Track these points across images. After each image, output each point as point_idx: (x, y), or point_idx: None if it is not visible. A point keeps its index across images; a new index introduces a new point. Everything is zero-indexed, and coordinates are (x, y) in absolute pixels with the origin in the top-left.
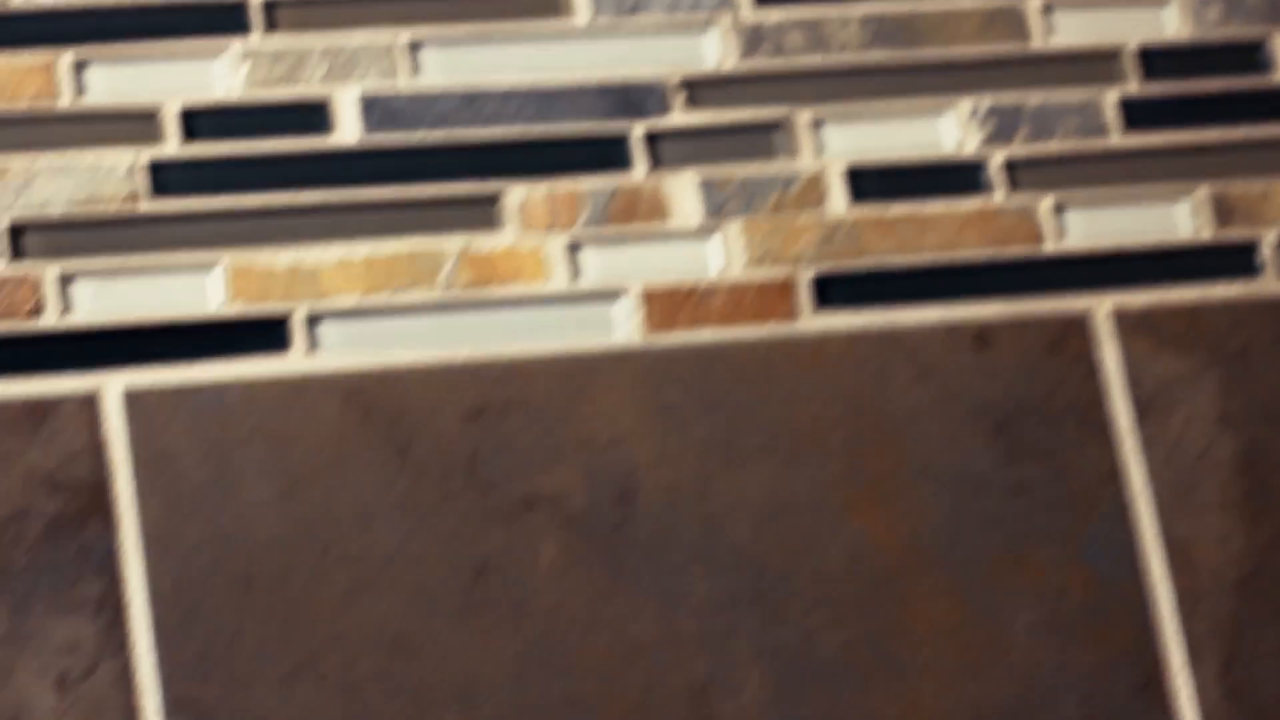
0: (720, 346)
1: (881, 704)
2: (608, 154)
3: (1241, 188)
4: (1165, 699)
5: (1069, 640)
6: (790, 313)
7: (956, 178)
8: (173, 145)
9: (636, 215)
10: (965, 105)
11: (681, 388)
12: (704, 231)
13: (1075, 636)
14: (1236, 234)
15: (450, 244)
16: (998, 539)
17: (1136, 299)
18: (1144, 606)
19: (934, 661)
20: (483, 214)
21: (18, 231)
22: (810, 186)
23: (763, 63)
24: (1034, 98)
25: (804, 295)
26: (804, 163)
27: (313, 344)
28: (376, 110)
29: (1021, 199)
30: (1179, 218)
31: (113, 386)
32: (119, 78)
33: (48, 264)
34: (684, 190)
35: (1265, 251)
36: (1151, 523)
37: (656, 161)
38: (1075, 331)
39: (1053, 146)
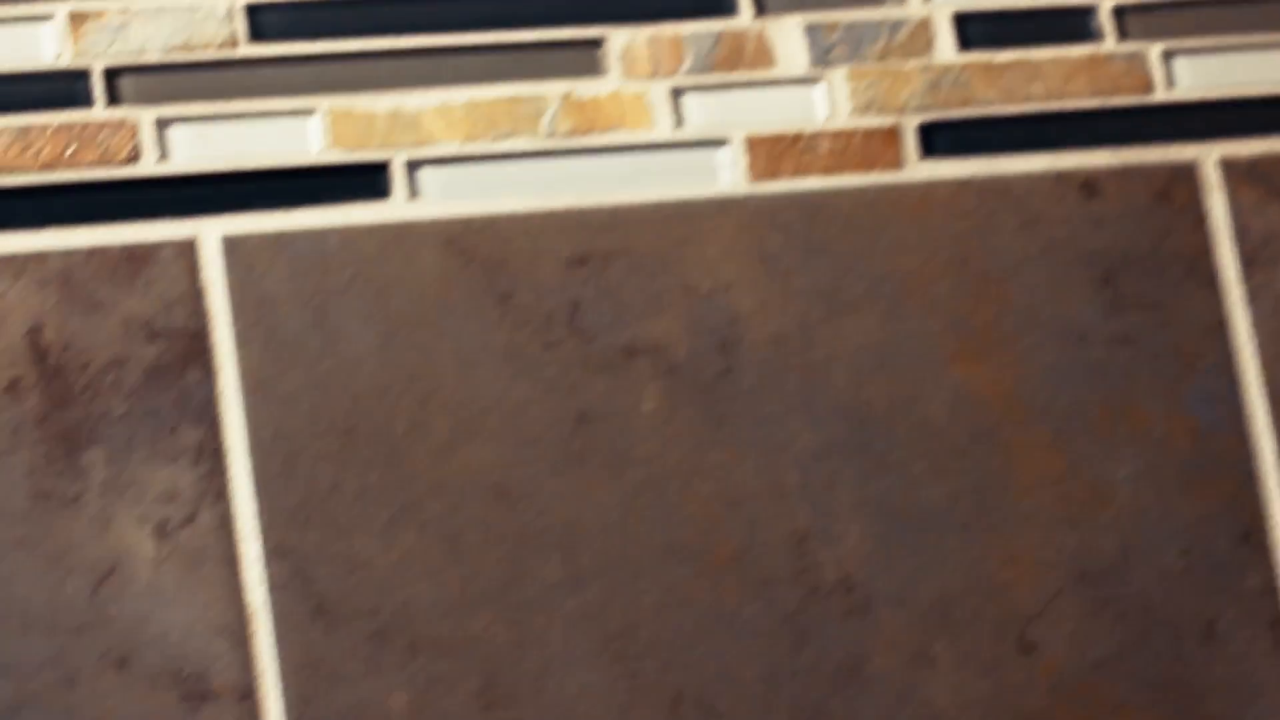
0: (825, 195)
1: (982, 554)
2: None
3: None
4: (1266, 549)
5: (1171, 491)
6: (895, 161)
7: (1066, 24)
8: None
9: (741, 61)
10: None
11: (785, 236)
12: (809, 78)
13: (1177, 487)
14: None
15: (552, 90)
16: (1102, 389)
17: (1245, 148)
18: (1247, 457)
19: (1036, 512)
20: (585, 60)
21: (113, 75)
22: (917, 32)
23: None
24: None
25: (910, 143)
26: (911, 8)
27: (413, 191)
28: None
29: (1131, 46)
30: None
31: (211, 233)
32: None
33: (144, 109)
34: (789, 36)
35: None
36: (1256, 373)
37: (761, 7)
38: (1183, 181)
39: None
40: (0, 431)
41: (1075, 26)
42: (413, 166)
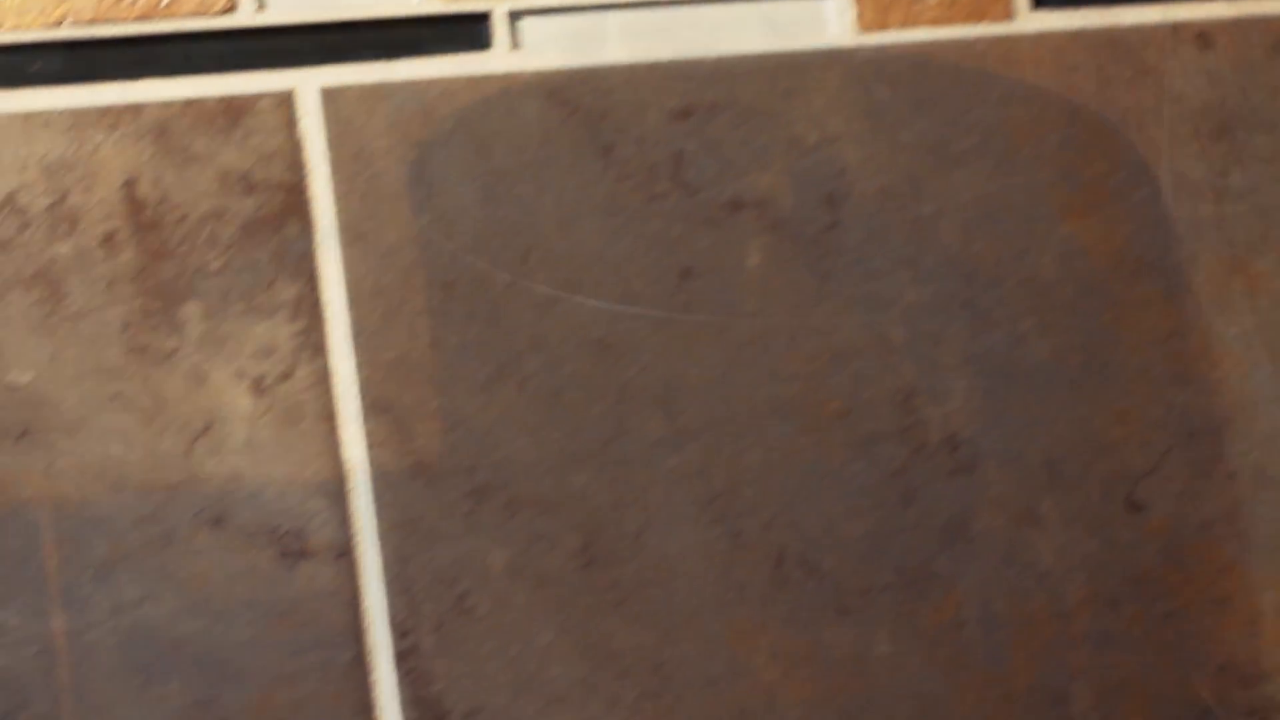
0: (934, 45)
1: (1090, 412)
2: None
3: None
4: None
5: None
6: (1006, 11)
7: None
8: None
9: None
10: None
11: (893, 88)
12: None
13: None
14: None
15: None
16: (1214, 245)
17: None
18: None
19: (1145, 369)
20: None
21: None
22: None
23: None
24: None
25: None
26: None
27: (515, 41)
28: None
29: None
30: None
31: (309, 84)
32: None
33: None
34: None
35: None
36: None
37: None
38: None
39: None
40: (95, 285)
41: None
42: (515, 16)
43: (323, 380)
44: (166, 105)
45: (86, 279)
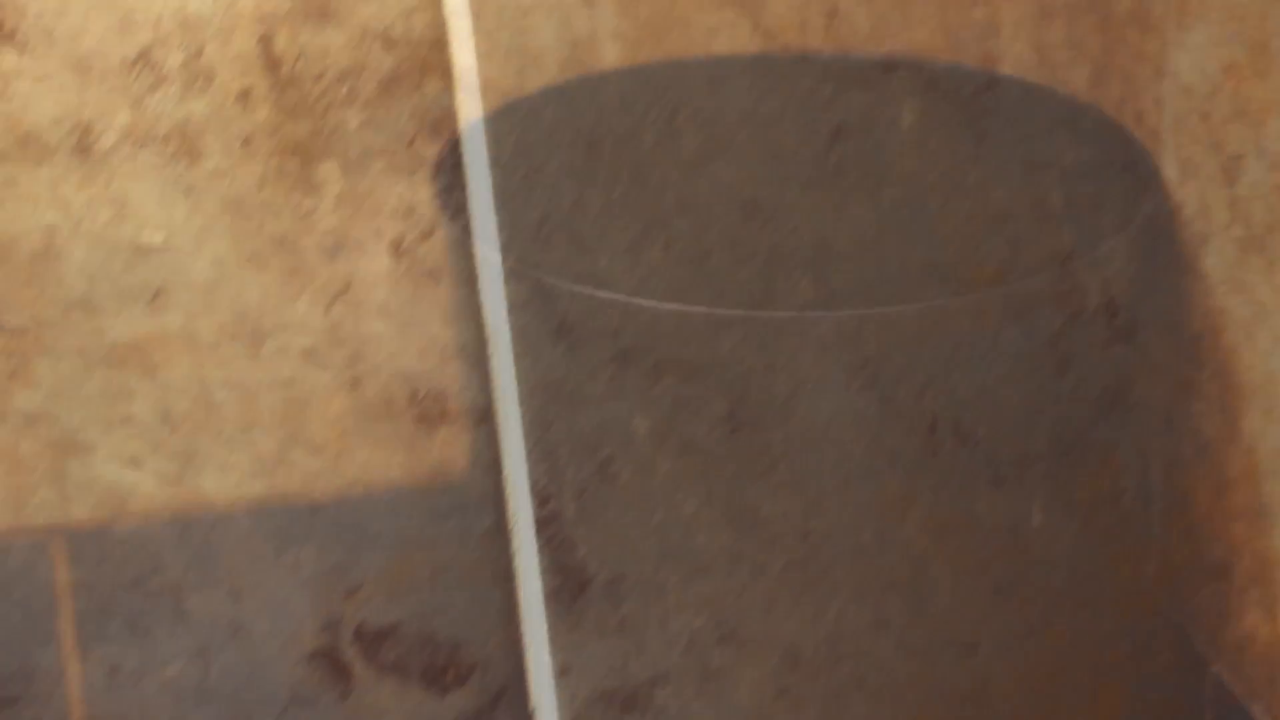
0: None
1: (1255, 278)
2: None
3: None
4: None
5: None
6: None
7: None
8: None
9: None
10: None
11: None
12: None
13: None
14: None
15: None
16: None
17: None
18: None
19: None
20: None
21: None
22: None
23: None
24: None
25: None
26: None
27: None
28: None
29: None
30: None
31: None
32: None
33: None
34: None
35: None
36: None
37: None
38: None
39: None
40: (230, 143)
41: None
42: None
43: (464, 241)
44: None
45: (221, 137)
